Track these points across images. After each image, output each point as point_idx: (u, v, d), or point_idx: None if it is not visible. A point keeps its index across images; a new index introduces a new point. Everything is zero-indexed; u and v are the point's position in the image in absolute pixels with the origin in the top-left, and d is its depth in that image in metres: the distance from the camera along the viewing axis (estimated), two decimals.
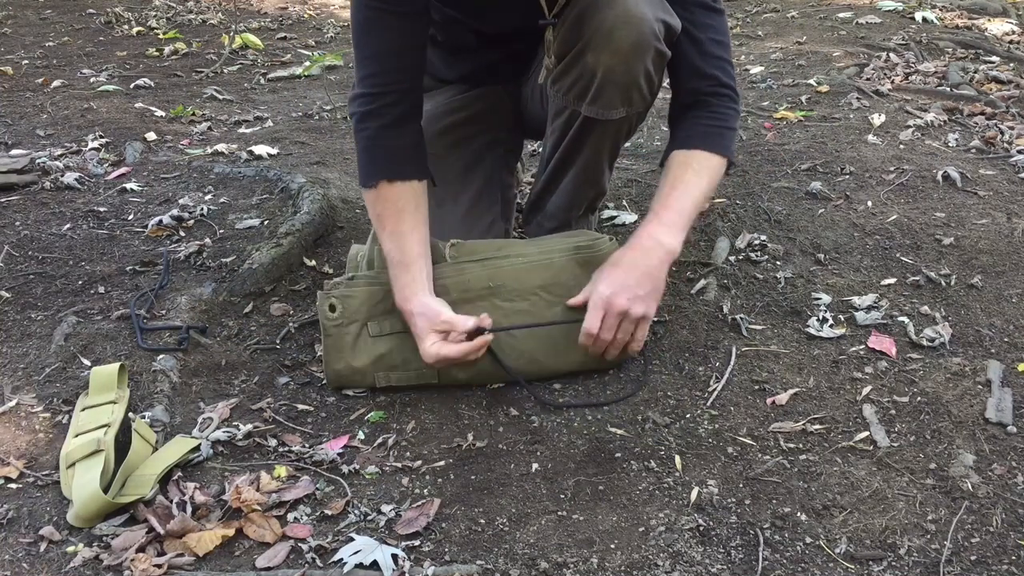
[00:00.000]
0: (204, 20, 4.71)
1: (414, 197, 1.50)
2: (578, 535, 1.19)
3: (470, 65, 1.78)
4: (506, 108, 1.84)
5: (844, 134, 2.47)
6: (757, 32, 3.97)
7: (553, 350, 1.50)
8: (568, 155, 1.64)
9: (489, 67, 1.77)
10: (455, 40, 1.71)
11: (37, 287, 1.81)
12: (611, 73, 1.45)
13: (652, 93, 1.52)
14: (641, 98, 1.51)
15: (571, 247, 1.53)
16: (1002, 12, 4.12)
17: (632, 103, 1.50)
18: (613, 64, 1.44)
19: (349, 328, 1.48)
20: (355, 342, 1.48)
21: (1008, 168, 2.25)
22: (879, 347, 1.57)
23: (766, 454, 1.34)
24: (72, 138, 2.72)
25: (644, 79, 1.47)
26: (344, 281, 1.51)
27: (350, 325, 1.48)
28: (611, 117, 1.51)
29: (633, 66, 1.44)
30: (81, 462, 1.26)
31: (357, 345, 1.48)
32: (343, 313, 1.48)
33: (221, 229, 2.03)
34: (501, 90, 1.83)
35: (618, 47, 1.42)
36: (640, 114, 1.56)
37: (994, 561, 1.14)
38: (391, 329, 1.49)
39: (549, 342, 1.50)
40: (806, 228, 1.95)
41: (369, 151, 1.51)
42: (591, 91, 1.48)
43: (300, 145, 2.66)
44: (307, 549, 1.17)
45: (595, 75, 1.46)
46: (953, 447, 1.34)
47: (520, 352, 1.49)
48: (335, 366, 1.49)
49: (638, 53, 1.43)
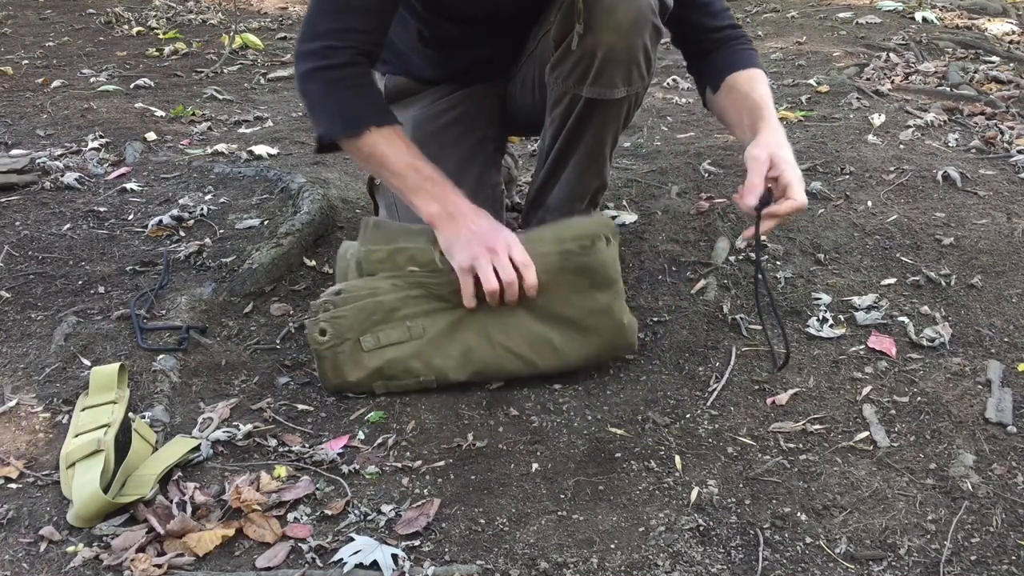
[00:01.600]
0: (204, 20, 4.71)
1: (406, 139, 1.50)
2: (578, 535, 1.19)
3: (456, 63, 1.77)
4: (492, 106, 1.84)
5: (844, 134, 2.47)
6: (757, 32, 3.97)
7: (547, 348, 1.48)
8: (569, 143, 1.65)
9: (475, 65, 1.77)
10: (441, 34, 1.70)
11: (37, 287, 1.81)
12: (612, 51, 1.46)
13: (649, 72, 1.54)
14: (640, 76, 1.52)
15: (561, 252, 1.46)
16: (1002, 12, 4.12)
17: (632, 82, 1.52)
18: (614, 42, 1.45)
19: (342, 347, 1.46)
20: (349, 358, 1.47)
21: (1008, 168, 2.25)
22: (879, 347, 1.57)
23: (766, 454, 1.34)
24: (72, 138, 2.72)
25: (643, 55, 1.49)
26: (331, 299, 1.47)
27: (343, 344, 1.46)
28: (613, 97, 1.52)
29: (633, 43, 1.46)
30: (81, 462, 1.26)
31: (351, 361, 1.47)
32: (334, 335, 1.45)
33: (221, 229, 2.03)
34: (488, 88, 1.83)
35: (618, 24, 1.44)
36: (639, 95, 1.58)
37: (994, 561, 1.14)
38: (386, 341, 1.46)
39: (545, 343, 1.48)
40: (806, 228, 1.95)
41: (349, 99, 1.48)
42: (592, 72, 1.49)
43: (300, 145, 2.66)
44: (307, 549, 1.17)
45: (596, 55, 1.47)
46: (953, 447, 1.34)
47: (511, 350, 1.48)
48: (331, 382, 1.49)
49: (637, 29, 1.45)
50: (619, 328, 1.49)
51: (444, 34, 1.70)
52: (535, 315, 1.48)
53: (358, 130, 1.47)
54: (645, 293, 1.77)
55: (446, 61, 1.78)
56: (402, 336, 1.47)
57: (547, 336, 1.48)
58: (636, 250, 1.90)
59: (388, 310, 1.46)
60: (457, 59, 1.76)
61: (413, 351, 1.47)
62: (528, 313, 1.48)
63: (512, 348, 1.48)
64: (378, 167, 1.51)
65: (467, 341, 1.48)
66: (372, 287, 1.47)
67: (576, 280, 1.47)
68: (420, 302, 1.47)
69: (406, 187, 1.48)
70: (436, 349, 1.47)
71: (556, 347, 1.48)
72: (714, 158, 2.32)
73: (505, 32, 1.70)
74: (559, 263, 1.46)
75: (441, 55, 1.76)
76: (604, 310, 1.47)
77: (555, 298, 1.47)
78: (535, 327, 1.48)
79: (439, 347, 1.47)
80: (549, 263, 1.46)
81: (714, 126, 2.66)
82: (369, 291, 1.47)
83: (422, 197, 1.47)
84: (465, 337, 1.48)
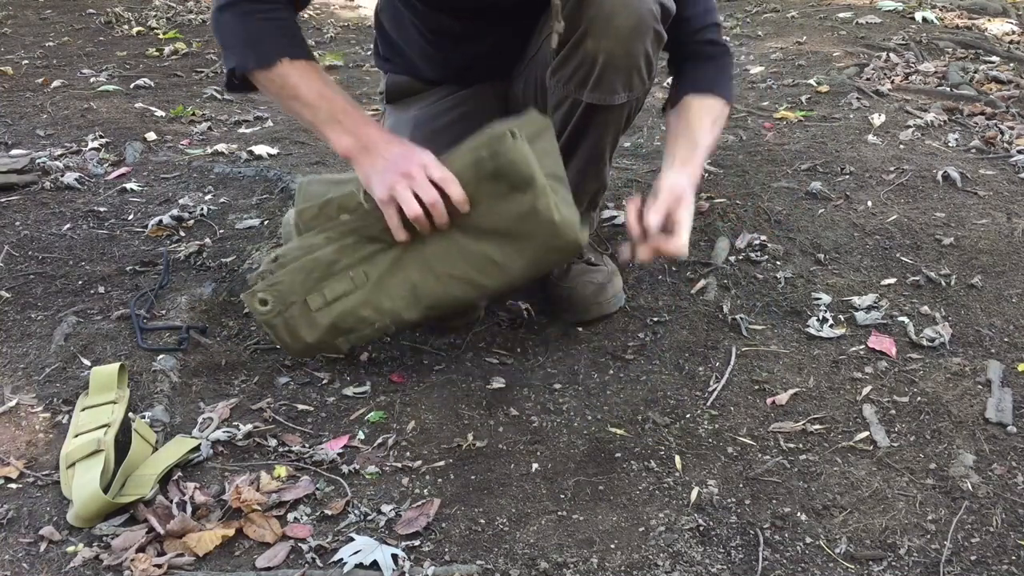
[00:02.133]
0: (204, 20, 4.70)
1: (322, 72, 1.48)
2: (578, 535, 1.19)
3: (457, 60, 1.77)
4: (494, 106, 1.84)
5: (844, 134, 2.47)
6: (757, 32, 3.96)
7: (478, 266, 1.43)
8: (570, 146, 1.64)
9: (476, 62, 1.77)
10: (440, 29, 1.70)
11: (37, 287, 1.81)
12: (612, 57, 1.46)
13: (651, 76, 1.54)
14: (641, 82, 1.52)
15: (474, 162, 1.39)
16: (1002, 12, 4.12)
17: (633, 87, 1.51)
18: (614, 48, 1.45)
19: (289, 311, 1.43)
20: (301, 321, 1.43)
21: (1008, 168, 2.25)
22: (879, 347, 1.58)
23: (766, 454, 1.34)
24: (72, 138, 2.72)
25: (644, 62, 1.49)
26: (268, 268, 1.44)
27: (289, 308, 1.43)
28: (613, 103, 1.52)
29: (633, 49, 1.46)
30: (81, 462, 1.26)
31: (303, 323, 1.44)
32: (277, 301, 1.42)
33: (221, 229, 2.03)
34: (489, 88, 1.83)
35: (618, 30, 1.43)
36: (639, 99, 1.58)
37: (994, 561, 1.14)
38: (332, 296, 1.43)
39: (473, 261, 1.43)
40: (806, 228, 1.95)
41: (264, 31, 1.45)
42: (592, 77, 1.49)
43: (300, 145, 2.66)
44: (307, 549, 1.17)
45: (596, 61, 1.47)
46: (953, 447, 1.34)
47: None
48: (293, 348, 1.46)
49: (638, 35, 1.45)
50: (551, 227, 1.40)
51: (444, 29, 1.70)
52: (470, 235, 1.42)
53: (269, 61, 1.45)
54: (645, 293, 1.77)
55: (447, 58, 1.77)
56: (347, 288, 1.43)
57: (486, 252, 1.42)
58: None
59: (327, 264, 1.42)
60: (458, 56, 1.76)
61: (361, 300, 1.43)
62: (463, 235, 1.42)
63: (455, 274, 1.43)
64: (290, 100, 1.47)
65: (410, 278, 1.43)
66: (306, 245, 1.43)
67: (496, 187, 1.39)
68: (357, 248, 1.43)
69: (318, 120, 1.45)
70: (382, 292, 1.43)
71: (497, 262, 1.43)
72: (714, 158, 2.32)
73: (505, 24, 1.69)
74: (475, 174, 1.39)
75: (442, 52, 1.75)
76: (530, 212, 1.39)
77: (482, 211, 1.40)
78: (472, 247, 1.42)
79: (385, 289, 1.43)
80: (466, 177, 1.39)
81: None
82: (304, 250, 1.43)
83: (335, 130, 1.44)
84: (407, 275, 1.43)
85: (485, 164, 1.38)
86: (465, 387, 1.51)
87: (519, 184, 1.39)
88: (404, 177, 1.37)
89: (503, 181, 1.38)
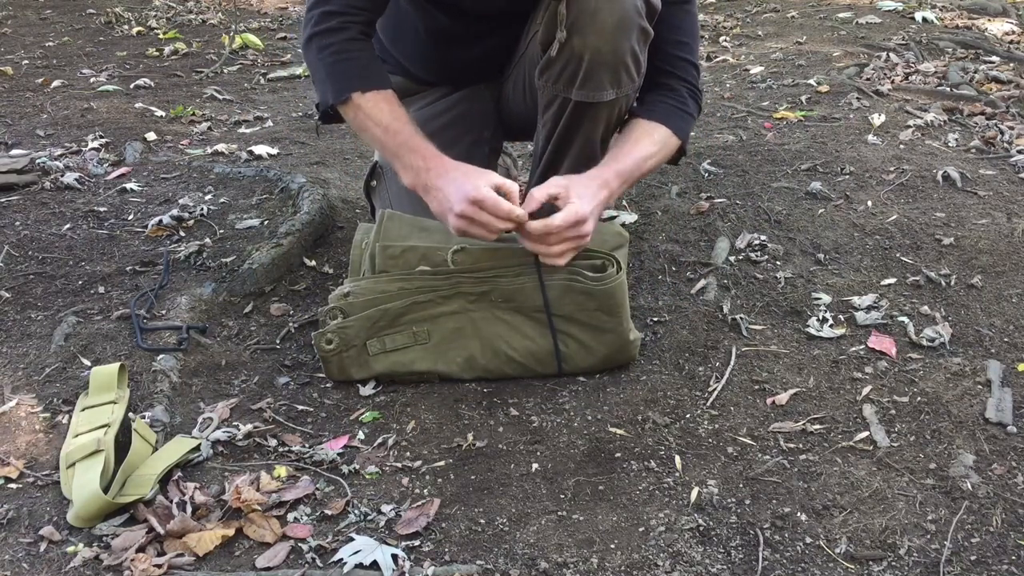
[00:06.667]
0: (204, 20, 4.71)
1: (392, 102, 1.51)
2: (578, 535, 1.19)
3: (454, 59, 1.77)
4: (488, 107, 1.84)
5: (844, 134, 2.47)
6: (757, 32, 3.97)
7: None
8: (561, 145, 1.64)
9: (471, 62, 1.77)
10: (437, 28, 1.70)
11: (37, 287, 1.81)
12: (598, 55, 1.46)
13: (639, 73, 1.54)
14: (629, 78, 1.52)
15: (570, 273, 1.48)
16: (1002, 12, 4.12)
17: (621, 84, 1.51)
18: (599, 45, 1.45)
19: (348, 352, 1.49)
20: (355, 362, 1.50)
21: (1008, 168, 2.25)
22: (879, 347, 1.57)
23: (766, 454, 1.34)
24: (72, 138, 2.72)
25: (631, 58, 1.49)
26: (338, 306, 1.48)
27: (349, 350, 1.49)
28: (602, 100, 1.52)
29: (619, 45, 1.46)
30: (81, 462, 1.26)
31: (357, 364, 1.50)
32: (340, 343, 1.48)
33: (221, 229, 2.03)
34: (482, 89, 1.83)
35: (603, 27, 1.44)
36: (629, 96, 1.57)
37: (994, 561, 1.14)
38: (391, 346, 1.49)
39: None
40: (806, 228, 1.95)
41: (338, 64, 1.50)
42: (580, 75, 1.49)
43: (300, 145, 2.66)
44: (307, 549, 1.17)
45: (583, 58, 1.47)
46: (953, 447, 1.34)
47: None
48: (336, 377, 1.53)
49: (623, 31, 1.45)
50: (624, 345, 1.52)
51: (441, 28, 1.70)
52: (540, 325, 1.50)
53: (342, 95, 1.50)
54: (645, 293, 1.77)
55: (443, 58, 1.77)
56: (407, 341, 1.49)
57: (550, 349, 1.51)
58: (636, 250, 1.90)
59: (394, 316, 1.48)
60: (454, 55, 1.76)
61: (418, 356, 1.50)
62: (534, 324, 1.49)
63: (515, 358, 1.51)
64: (363, 132, 1.52)
65: (470, 348, 1.50)
66: (379, 290, 1.48)
67: (584, 300, 1.48)
68: (427, 306, 1.48)
69: (385, 155, 1.50)
70: (440, 355, 1.50)
71: (559, 360, 1.51)
72: (714, 158, 2.32)
73: (506, 27, 1.70)
74: (566, 283, 1.48)
75: (438, 51, 1.76)
76: (610, 330, 1.50)
77: (562, 311, 1.49)
78: (540, 340, 1.50)
79: (443, 353, 1.50)
80: (556, 283, 1.48)
81: (713, 126, 2.66)
82: (375, 294, 1.48)
83: (396, 166, 1.50)
84: (468, 345, 1.50)
85: (581, 282, 1.47)
86: (465, 387, 1.51)
87: (609, 310, 1.49)
88: (461, 218, 1.41)
89: (593, 300, 1.48)
